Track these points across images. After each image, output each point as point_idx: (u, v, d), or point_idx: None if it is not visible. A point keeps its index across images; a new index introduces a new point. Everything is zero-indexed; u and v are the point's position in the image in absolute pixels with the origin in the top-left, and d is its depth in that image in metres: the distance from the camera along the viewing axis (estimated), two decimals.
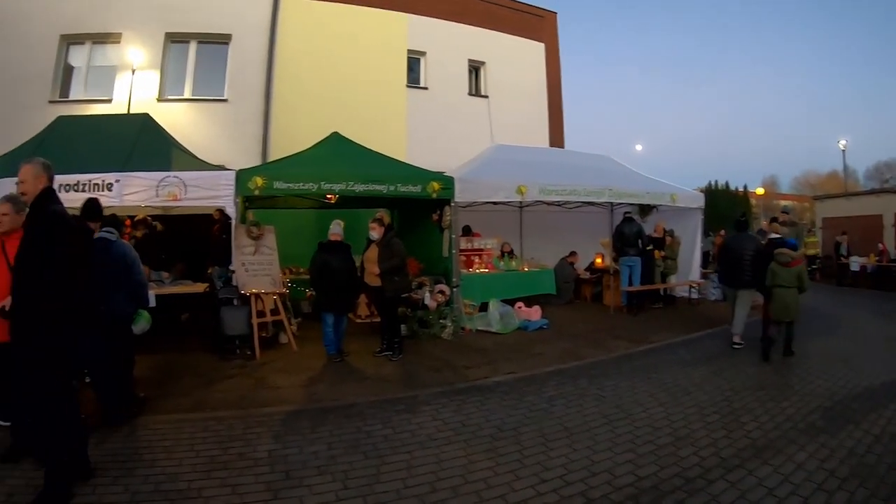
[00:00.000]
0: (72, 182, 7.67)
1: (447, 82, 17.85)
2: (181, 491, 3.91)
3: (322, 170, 8.77)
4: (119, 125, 10.25)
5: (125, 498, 3.85)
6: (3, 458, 4.50)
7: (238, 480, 4.02)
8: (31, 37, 15.45)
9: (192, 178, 7.92)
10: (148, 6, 15.37)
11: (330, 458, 4.36)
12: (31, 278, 3.82)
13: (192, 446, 4.70)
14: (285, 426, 5.13)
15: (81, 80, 15.77)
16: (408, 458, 4.30)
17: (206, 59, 15.90)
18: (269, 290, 8.25)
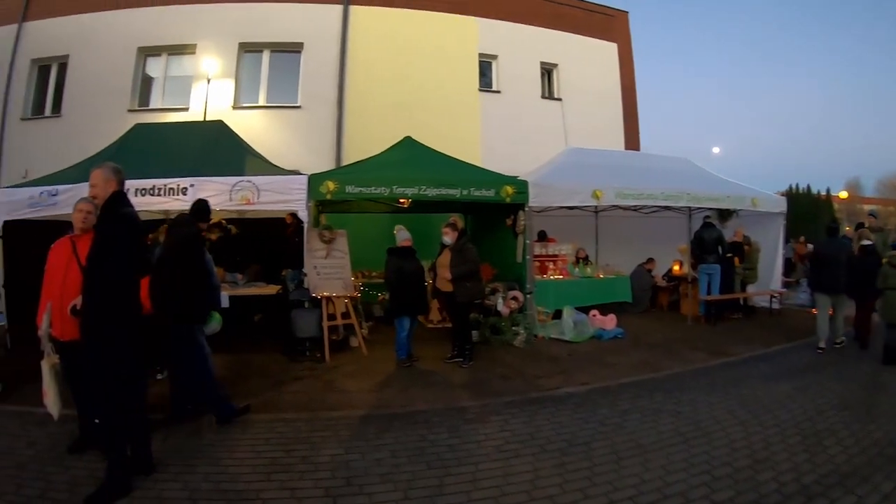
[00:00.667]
0: (147, 186, 7.96)
1: (519, 85, 17.67)
2: (240, 492, 3.97)
3: (394, 174, 8.83)
4: (194, 132, 10.67)
5: (184, 495, 3.94)
6: (69, 449, 4.74)
7: (298, 484, 4.03)
8: (110, 50, 16.51)
9: (265, 183, 8.06)
10: (222, 18, 16.11)
11: (393, 466, 4.31)
12: (100, 277, 3.96)
13: (254, 447, 4.76)
14: (350, 431, 5.11)
15: (159, 89, 16.67)
16: (473, 471, 4.19)
17: (280, 67, 16.45)
18: (341, 293, 8.32)
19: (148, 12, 16.43)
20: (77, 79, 16.79)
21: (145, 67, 16.73)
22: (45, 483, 4.23)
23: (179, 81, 16.44)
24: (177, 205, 7.96)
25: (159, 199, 8.01)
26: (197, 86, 15.77)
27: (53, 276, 4.73)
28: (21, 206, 8.46)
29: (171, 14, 16.27)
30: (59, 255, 4.77)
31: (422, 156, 9.72)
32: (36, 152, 16.22)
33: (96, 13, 16.94)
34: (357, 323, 8.36)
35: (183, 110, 15.69)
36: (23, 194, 8.58)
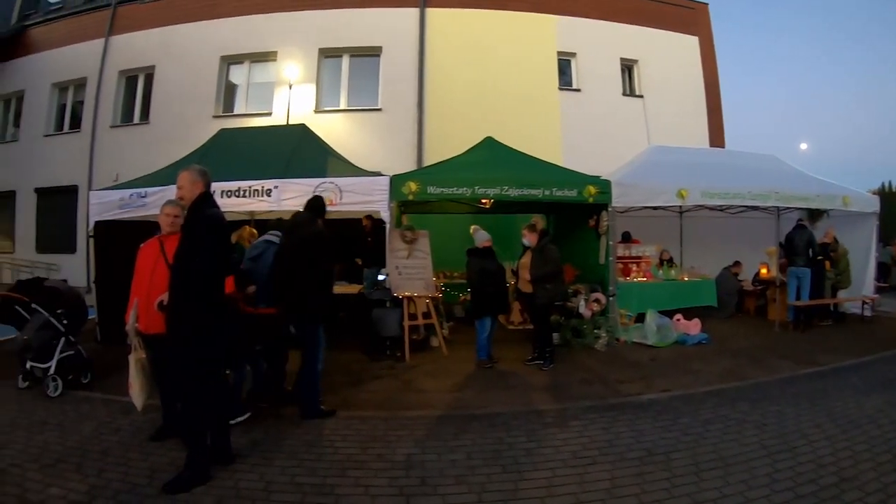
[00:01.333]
0: (233, 188, 8.28)
1: (600, 83, 17.48)
2: (315, 486, 4.05)
3: (476, 174, 8.87)
4: (277, 135, 11.03)
5: (260, 486, 4.07)
6: (151, 437, 5.03)
7: (372, 482, 4.09)
8: (194, 59, 17.49)
9: (347, 184, 8.23)
10: (302, 26, 16.76)
11: (469, 467, 4.31)
12: (186, 276, 4.14)
13: (332, 443, 4.86)
14: (427, 431, 5.15)
15: (242, 95, 17.52)
16: (549, 476, 4.13)
17: (359, 71, 16.94)
18: (422, 293, 8.43)
19: (230, 22, 17.33)
20: (163, 88, 17.85)
21: (228, 75, 17.57)
22: (127, 468, 4.48)
23: (262, 87, 17.19)
24: (262, 206, 8.39)
25: (245, 200, 8.33)
26: (279, 91, 16.44)
27: (142, 274, 4.97)
28: (112, 208, 9.03)
29: (253, 23, 17.07)
30: (147, 253, 5.01)
31: (503, 156, 9.74)
32: (125, 157, 17.20)
33: (180, 25, 18.04)
34: (438, 323, 8.45)
35: (266, 115, 16.41)
36: (114, 196, 9.14)
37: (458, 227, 10.71)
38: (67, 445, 5.06)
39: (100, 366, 7.36)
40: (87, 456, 4.79)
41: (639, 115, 17.45)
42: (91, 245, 9.66)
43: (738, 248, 12.51)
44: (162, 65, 18.07)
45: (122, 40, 18.92)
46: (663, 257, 11.59)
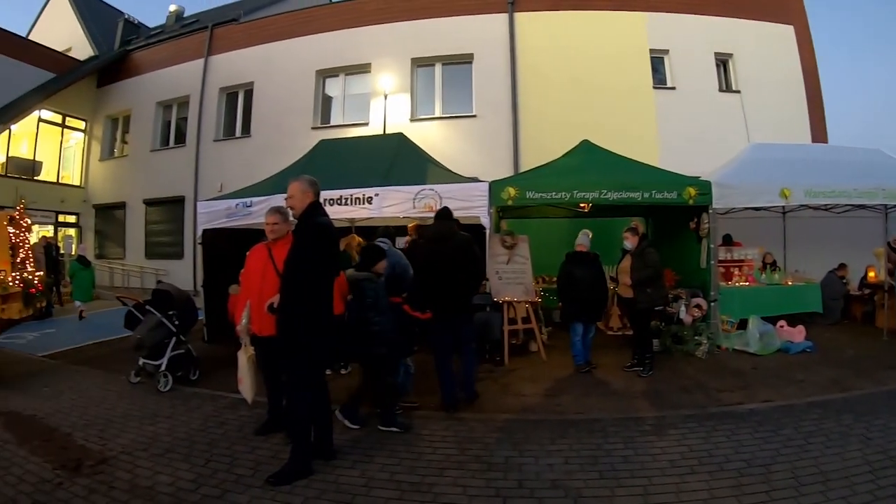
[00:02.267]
0: (335, 197, 8.61)
1: (694, 80, 16.97)
2: (413, 483, 4.21)
3: (574, 178, 8.91)
4: (376, 145, 11.47)
5: (360, 482, 4.27)
6: (256, 432, 5.40)
7: (470, 482, 4.20)
8: (291, 74, 18.40)
9: (447, 191, 8.40)
10: (393, 38, 17.28)
11: (565, 472, 4.36)
12: (296, 281, 4.40)
13: (431, 443, 5.04)
14: (525, 434, 5.22)
15: (339, 107, 18.22)
16: (645, 484, 4.15)
17: (452, 78, 17.29)
18: (522, 298, 8.55)
19: (324, 37, 18.17)
20: (262, 102, 18.88)
21: (325, 88, 18.37)
22: (232, 459, 4.82)
23: (358, 99, 17.84)
24: (363, 213, 8.70)
25: (347, 207, 8.65)
26: (375, 101, 16.97)
27: (252, 278, 5.29)
28: (219, 217, 9.61)
29: (346, 37, 17.79)
30: (256, 259, 5.31)
31: (601, 159, 9.75)
32: (228, 169, 18.29)
33: (275, 43, 19.06)
34: (537, 328, 8.54)
35: (363, 125, 17.03)
36: (220, 206, 9.72)
37: (557, 232, 10.86)
38: (176, 437, 5.49)
39: (207, 364, 7.97)
40: (195, 447, 5.18)
41: (736, 112, 16.75)
42: (199, 251, 10.38)
43: (843, 249, 12.02)
44: (260, 81, 19.08)
45: (221, 59, 20.16)
46: (766, 260, 11.28)
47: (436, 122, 17.15)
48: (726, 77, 17.88)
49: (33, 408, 6.60)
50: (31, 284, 8.22)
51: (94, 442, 5.44)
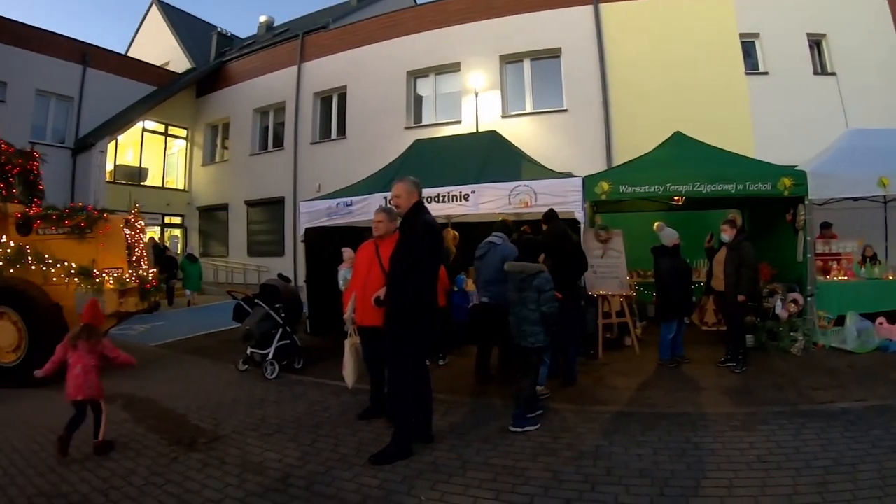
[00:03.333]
0: (433, 195, 8.83)
1: (788, 63, 15.97)
2: (507, 467, 4.41)
3: (667, 171, 8.89)
4: (469, 142, 11.57)
5: (457, 464, 4.52)
6: (359, 416, 5.77)
7: (560, 468, 4.34)
8: (382, 77, 19.00)
9: (541, 186, 8.51)
10: (480, 36, 17.48)
11: (653, 462, 4.42)
12: (402, 276, 4.69)
13: (526, 431, 5.23)
14: (615, 425, 5.35)
15: (431, 106, 18.68)
16: (731, 477, 4.14)
17: (541, 73, 17.32)
18: (616, 292, 8.67)
19: (412, 39, 18.66)
20: (356, 105, 19.66)
21: (416, 88, 18.88)
22: (336, 441, 5.19)
23: (449, 98, 18.21)
24: (460, 210, 9.01)
25: (444, 205, 8.92)
26: (466, 100, 17.27)
27: (358, 272, 5.66)
28: (320, 216, 10.16)
29: (434, 38, 18.21)
30: (364, 254, 5.66)
31: (693, 151, 9.62)
32: (325, 170, 19.14)
33: (365, 47, 19.78)
34: (631, 322, 8.66)
35: (455, 123, 17.35)
36: (321, 205, 10.25)
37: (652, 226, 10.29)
38: (283, 419, 5.94)
39: (310, 354, 8.53)
40: (301, 429, 5.60)
41: (833, 96, 15.70)
42: (301, 249, 10.95)
43: None
44: (352, 84, 19.86)
45: (314, 65, 21.12)
46: (866, 254, 10.37)
47: (527, 117, 17.13)
48: (820, 59, 16.82)
49: (148, 391, 7.27)
50: (147, 281, 8.90)
51: (206, 422, 5.96)
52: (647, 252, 8.41)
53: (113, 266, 8.49)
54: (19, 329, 7.95)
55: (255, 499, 4.11)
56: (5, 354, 8.00)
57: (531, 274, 5.48)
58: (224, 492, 4.23)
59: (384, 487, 4.17)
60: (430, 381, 5.11)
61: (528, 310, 5.44)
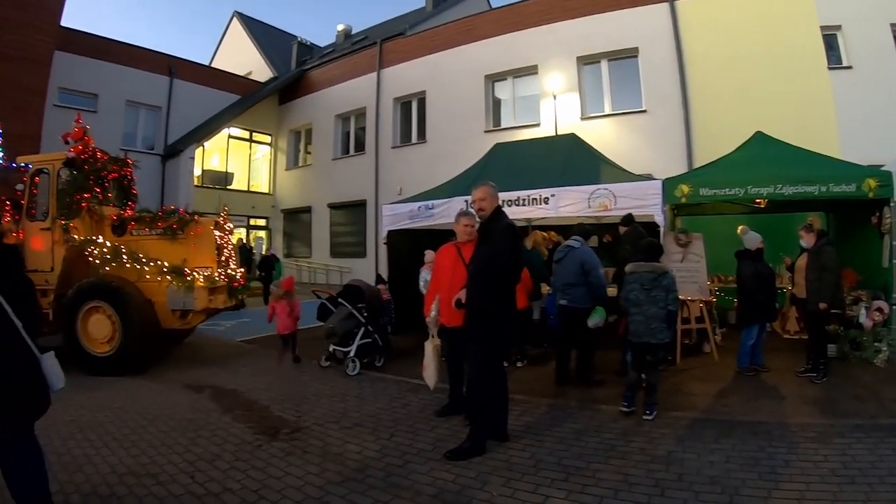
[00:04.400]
0: (513, 198, 8.96)
1: (872, 56, 14.97)
2: (578, 468, 4.45)
3: (748, 173, 8.60)
4: (549, 146, 11.62)
5: (530, 462, 4.61)
6: (437, 413, 5.93)
7: (631, 471, 4.34)
8: (460, 81, 19.35)
9: (621, 190, 8.47)
10: (556, 38, 17.47)
11: (725, 470, 4.35)
12: (482, 278, 4.82)
13: (598, 433, 5.29)
14: (690, 432, 5.29)
15: (510, 110, 18.82)
16: (802, 490, 4.03)
17: (619, 74, 17.10)
18: (696, 297, 8.48)
19: (489, 43, 18.91)
20: (435, 109, 20.14)
21: (494, 92, 19.08)
22: (414, 436, 5.36)
23: (527, 101, 18.30)
24: (539, 213, 9.08)
25: (524, 208, 9.02)
26: (544, 102, 17.35)
27: (441, 274, 5.72)
28: (402, 218, 10.45)
29: (510, 41, 18.37)
30: (446, 257, 5.73)
31: (775, 151, 9.33)
32: (406, 173, 19.70)
33: (443, 52, 20.20)
34: (710, 328, 8.43)
35: (534, 126, 17.40)
36: (403, 209, 10.54)
37: (733, 229, 9.65)
38: (364, 413, 6.15)
39: (391, 352, 8.85)
40: (380, 423, 5.78)
41: None
42: (383, 250, 11.37)
43: None
44: (431, 89, 20.35)
45: (393, 71, 21.75)
46: None
47: (606, 119, 16.98)
48: None
49: (234, 383, 7.68)
50: (234, 279, 9.33)
51: (289, 414, 6.22)
52: (727, 256, 8.26)
53: (203, 265, 8.91)
54: (113, 322, 8.44)
55: (334, 487, 4.31)
56: (100, 345, 8.53)
57: (660, 273, 5.75)
58: (305, 479, 4.46)
59: (458, 482, 4.30)
60: (506, 381, 5.25)
61: (657, 308, 5.67)
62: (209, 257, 9.03)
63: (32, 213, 9.27)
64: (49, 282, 8.86)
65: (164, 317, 8.80)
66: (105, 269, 8.71)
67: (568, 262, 6.98)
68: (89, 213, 9.11)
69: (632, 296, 5.85)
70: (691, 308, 8.59)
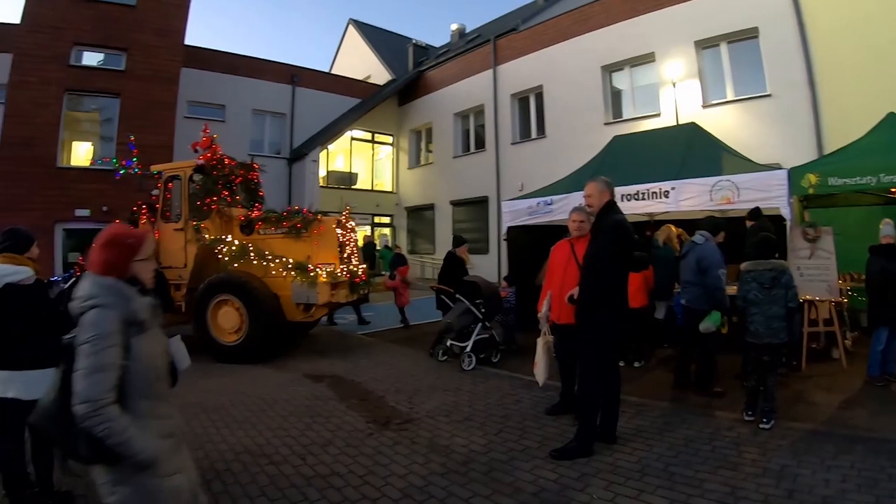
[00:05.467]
0: (632, 192, 8.86)
1: None
2: (686, 477, 4.36)
3: (880, 160, 7.63)
4: (668, 137, 11.18)
5: (636, 467, 4.57)
6: (547, 411, 6.04)
7: (740, 484, 4.18)
8: (576, 74, 19.24)
9: (744, 181, 7.98)
10: (672, 22, 16.76)
11: (840, 490, 4.07)
12: (596, 274, 4.86)
13: (710, 441, 5.15)
14: (807, 445, 4.98)
15: (629, 100, 18.42)
16: None
17: (740, 57, 16.06)
18: (824, 297, 7.87)
19: (603, 32, 18.62)
20: (553, 104, 20.17)
21: (612, 82, 18.80)
22: (522, 433, 5.49)
23: (646, 90, 17.78)
24: (660, 207, 8.82)
25: (644, 202, 8.84)
26: (664, 91, 16.73)
27: (554, 271, 5.81)
28: (522, 215, 10.55)
29: (625, 29, 17.95)
30: (559, 253, 5.83)
31: None
32: (527, 169, 19.95)
33: (557, 45, 20.17)
34: (840, 331, 7.87)
35: (654, 117, 16.84)
36: (522, 205, 10.64)
37: (867, 222, 9.29)
38: (474, 408, 6.35)
39: (509, 348, 9.11)
40: (490, 418, 5.95)
41: None
42: (503, 247, 11.69)
43: None
44: (548, 83, 20.40)
45: (508, 67, 22.02)
46: None
47: (728, 106, 15.90)
48: None
49: (353, 374, 8.19)
50: (356, 275, 9.90)
51: (402, 405, 6.55)
52: (861, 253, 7.57)
53: (326, 262, 9.50)
54: (241, 314, 9.26)
55: (437, 478, 4.49)
56: (228, 335, 9.40)
57: (780, 271, 5.60)
58: (409, 468, 4.69)
59: (560, 482, 4.34)
60: (619, 381, 5.22)
61: (778, 307, 5.51)
62: (332, 254, 9.68)
63: (167, 216, 10.24)
64: (182, 277, 9.84)
65: (288, 310, 9.47)
66: (234, 266, 9.51)
67: (689, 259, 6.75)
68: (219, 214, 9.99)
69: (751, 295, 5.69)
70: (819, 309, 7.97)
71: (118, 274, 2.46)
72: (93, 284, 2.41)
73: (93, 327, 2.29)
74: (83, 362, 2.23)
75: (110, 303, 2.36)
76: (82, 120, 18.20)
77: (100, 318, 2.31)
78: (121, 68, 17.81)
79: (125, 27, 17.73)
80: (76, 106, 17.69)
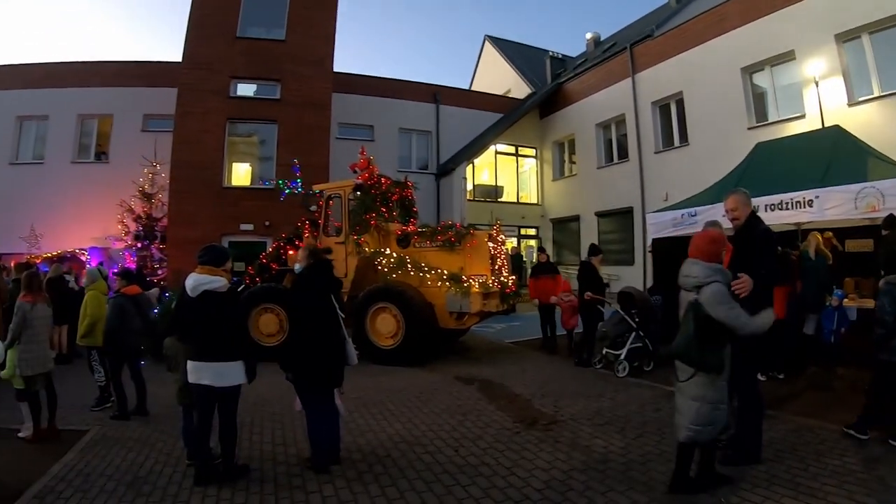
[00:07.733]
0: (775, 201, 8.81)
1: None
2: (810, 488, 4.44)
3: None
4: (811, 142, 11.03)
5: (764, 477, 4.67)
6: None
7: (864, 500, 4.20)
8: (715, 77, 18.95)
9: (888, 187, 7.63)
10: (808, 15, 15.74)
11: None
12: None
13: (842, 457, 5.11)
14: None
15: (772, 102, 17.75)
16: None
17: (884, 47, 14.62)
18: None
19: (740, 32, 18.17)
20: (694, 109, 19.96)
21: (752, 84, 18.21)
22: (660, 438, 5.71)
23: (789, 90, 16.87)
24: (804, 216, 8.66)
25: (788, 212, 8.73)
26: (807, 90, 15.86)
27: None
28: (666, 226, 10.79)
29: (761, 27, 17.34)
30: None
31: None
32: (671, 178, 19.90)
33: (693, 49, 20.00)
34: None
35: (799, 118, 15.93)
36: (667, 216, 10.90)
37: None
38: (616, 413, 6.63)
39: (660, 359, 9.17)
40: (630, 424, 6.19)
41: None
42: (649, 258, 12.03)
43: None
44: (688, 89, 20.13)
45: (646, 75, 22.15)
46: None
47: (876, 102, 14.46)
48: None
49: (502, 378, 8.68)
50: (506, 286, 10.69)
51: (548, 408, 6.93)
52: None
53: (478, 273, 10.21)
54: (398, 321, 10.05)
55: (577, 473, 4.84)
56: (385, 339, 10.19)
57: None
58: (552, 464, 5.07)
59: None
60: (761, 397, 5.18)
61: None
62: (484, 266, 10.44)
63: (328, 231, 11.57)
64: (343, 286, 11.15)
65: (442, 318, 10.33)
66: (392, 276, 10.48)
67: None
68: (377, 229, 11.11)
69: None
70: None
71: (717, 260, 4.24)
72: (705, 268, 4.22)
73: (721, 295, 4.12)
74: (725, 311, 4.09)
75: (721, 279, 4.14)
76: (239, 143, 20.72)
77: (718, 289, 4.12)
78: (276, 97, 20.25)
79: (277, 60, 20.14)
80: (234, 131, 20.30)
